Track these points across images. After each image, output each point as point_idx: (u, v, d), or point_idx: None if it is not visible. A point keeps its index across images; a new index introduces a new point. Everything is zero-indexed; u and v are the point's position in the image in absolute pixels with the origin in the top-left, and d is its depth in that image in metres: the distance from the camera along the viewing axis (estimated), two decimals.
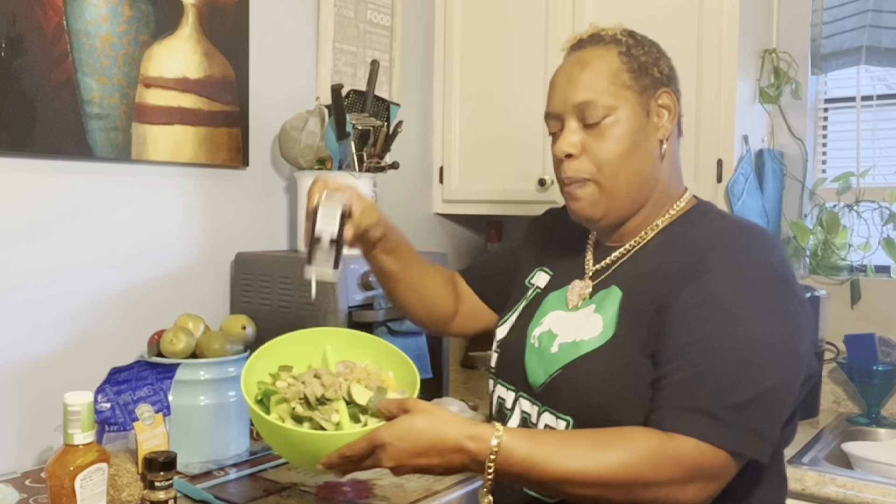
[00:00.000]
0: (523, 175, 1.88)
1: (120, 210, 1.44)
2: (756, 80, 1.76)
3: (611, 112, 0.95)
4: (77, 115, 1.34)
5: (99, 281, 1.41)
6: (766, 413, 0.84)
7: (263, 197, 1.71)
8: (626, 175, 0.96)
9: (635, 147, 0.96)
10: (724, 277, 0.88)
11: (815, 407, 1.71)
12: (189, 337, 1.33)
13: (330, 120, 1.57)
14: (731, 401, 0.82)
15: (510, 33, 1.92)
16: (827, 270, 1.79)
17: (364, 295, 1.49)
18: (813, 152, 1.89)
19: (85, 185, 1.39)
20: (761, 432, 0.84)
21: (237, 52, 1.60)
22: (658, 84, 0.98)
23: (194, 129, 1.53)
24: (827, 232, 1.77)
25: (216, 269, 1.61)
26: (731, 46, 1.61)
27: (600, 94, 0.95)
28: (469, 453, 0.84)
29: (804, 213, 1.86)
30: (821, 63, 1.80)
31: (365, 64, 1.87)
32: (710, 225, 0.97)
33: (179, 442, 1.23)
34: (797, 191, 1.86)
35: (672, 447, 0.82)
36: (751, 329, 0.85)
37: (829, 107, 1.90)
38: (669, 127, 0.99)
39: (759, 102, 1.77)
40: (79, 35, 1.34)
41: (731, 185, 1.62)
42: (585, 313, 0.99)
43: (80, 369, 1.35)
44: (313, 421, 0.94)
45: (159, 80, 1.46)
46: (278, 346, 1.07)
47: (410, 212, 2.06)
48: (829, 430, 1.65)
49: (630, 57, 0.97)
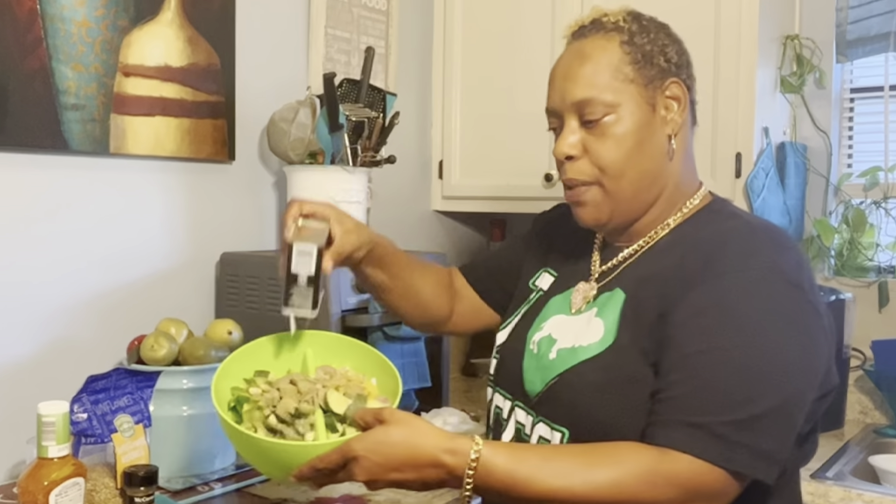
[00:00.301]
0: (528, 170, 1.87)
1: (97, 207, 1.43)
2: (777, 68, 1.75)
3: (612, 109, 0.93)
4: (52, 106, 1.33)
5: (75, 283, 1.40)
6: (771, 431, 0.82)
7: (251, 193, 1.70)
8: (631, 176, 0.95)
9: (641, 145, 0.94)
10: (729, 283, 0.86)
11: (839, 418, 1.70)
12: (171, 343, 1.32)
13: (322, 111, 1.57)
14: (732, 417, 0.81)
15: (515, 17, 1.92)
16: (853, 272, 1.78)
17: (358, 298, 1.49)
18: (838, 145, 1.88)
19: (60, 180, 1.38)
20: (765, 452, 0.82)
21: (223, 38, 1.59)
22: (665, 74, 0.95)
23: (177, 120, 1.52)
24: (853, 230, 1.77)
25: (200, 271, 1.61)
26: (751, 32, 1.61)
27: (600, 90, 0.93)
28: (446, 468, 0.83)
29: (829, 210, 1.86)
30: (846, 50, 1.80)
31: (359, 51, 1.86)
32: (720, 225, 0.95)
33: (161, 455, 1.22)
34: (821, 187, 1.85)
35: (666, 465, 0.81)
36: (756, 340, 0.83)
37: (855, 97, 1.90)
38: (679, 120, 0.96)
39: (780, 92, 1.77)
40: (53, 20, 1.32)
41: (751, 181, 1.61)
42: (587, 317, 0.98)
43: (54, 377, 1.35)
44: (287, 430, 0.93)
45: (139, 68, 1.45)
46: (256, 349, 1.06)
47: (407, 209, 2.06)
48: (855, 442, 1.64)
49: (633, 46, 0.95)
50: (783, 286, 0.86)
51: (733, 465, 0.80)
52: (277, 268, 0.98)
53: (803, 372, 0.85)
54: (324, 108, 1.56)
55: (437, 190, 2.10)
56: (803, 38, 1.80)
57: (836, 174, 1.87)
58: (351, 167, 1.57)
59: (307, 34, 1.78)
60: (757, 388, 0.82)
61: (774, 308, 0.85)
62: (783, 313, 0.85)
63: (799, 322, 0.85)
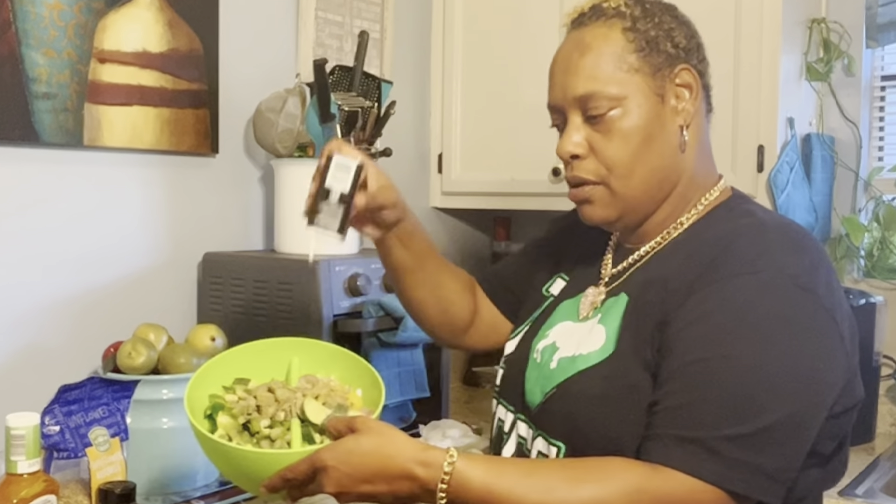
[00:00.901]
0: (534, 163, 1.86)
1: (71, 203, 1.44)
2: (803, 54, 1.75)
3: (618, 103, 0.93)
4: (21, 95, 1.33)
5: (47, 284, 1.41)
6: (774, 448, 0.80)
7: (235, 188, 1.71)
8: (641, 174, 0.95)
9: (650, 140, 0.94)
10: (734, 286, 0.86)
11: (870, 431, 1.70)
12: (150, 350, 1.32)
13: (312, 100, 1.57)
14: (731, 431, 0.80)
15: (520, 3, 1.92)
16: (884, 273, 1.78)
17: (351, 302, 1.50)
18: (868, 137, 1.88)
19: (31, 174, 1.39)
20: (768, 470, 0.80)
21: (205, 21, 1.59)
22: (674, 61, 0.94)
23: (156, 110, 1.52)
24: (884, 229, 1.77)
25: (181, 272, 1.61)
26: (775, 16, 1.61)
27: (603, 83, 0.93)
28: (419, 481, 0.83)
29: (858, 207, 1.86)
30: (877, 35, 1.80)
31: (353, 35, 1.87)
32: (731, 223, 0.94)
33: (139, 470, 1.23)
34: (850, 182, 1.85)
35: (655, 483, 0.80)
36: (760, 348, 0.82)
37: (886, 84, 1.89)
38: (691, 109, 0.96)
39: (806, 80, 1.77)
40: (23, 2, 1.33)
41: (774, 176, 1.61)
42: (591, 324, 0.98)
43: (24, 387, 1.35)
44: (263, 441, 0.94)
45: (116, 54, 1.46)
46: (238, 355, 1.07)
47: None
48: (886, 456, 1.64)
49: (637, 33, 0.94)
50: (793, 290, 0.84)
51: (731, 485, 0.79)
52: (311, 178, 0.97)
53: (814, 383, 0.83)
54: (314, 97, 1.56)
55: (437, 185, 2.11)
56: (830, 21, 1.80)
57: (866, 168, 1.87)
58: None
59: (296, 17, 1.79)
60: (760, 401, 0.81)
61: (782, 314, 0.84)
62: (792, 319, 0.84)
63: (810, 329, 0.84)
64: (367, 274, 1.52)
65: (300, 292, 1.46)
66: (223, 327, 1.44)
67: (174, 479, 1.31)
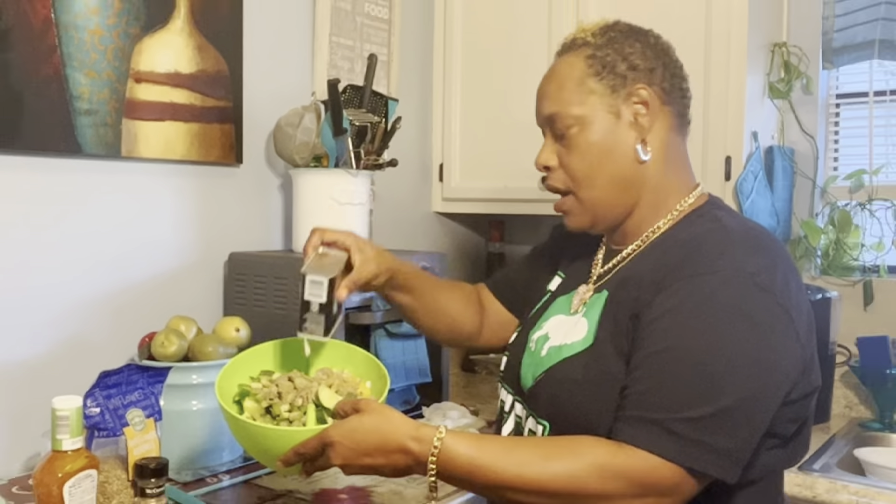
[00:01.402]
0: (525, 172, 1.82)
1: (109, 209, 1.44)
2: (766, 74, 1.76)
3: (577, 122, 0.96)
4: (65, 111, 1.34)
5: (88, 283, 1.41)
6: (728, 430, 0.82)
7: (258, 195, 1.71)
8: (601, 184, 0.97)
9: (607, 153, 0.96)
10: (695, 285, 0.86)
11: (826, 412, 1.71)
12: (181, 339, 1.33)
13: (326, 116, 1.57)
14: (689, 414, 0.81)
15: (513, 26, 1.91)
16: (839, 271, 1.78)
17: (361, 297, 1.49)
18: (824, 149, 1.89)
19: (73, 182, 1.38)
20: (722, 450, 0.81)
21: (230, 46, 1.59)
22: (630, 81, 0.96)
23: (186, 125, 1.52)
24: (839, 231, 1.77)
25: (209, 270, 1.61)
26: (740, 40, 1.61)
27: (564, 104, 0.97)
28: (413, 454, 0.86)
29: (815, 211, 1.86)
30: (832, 57, 1.80)
31: (362, 58, 1.86)
32: (700, 228, 0.94)
33: (171, 448, 1.23)
34: (808, 189, 1.86)
35: (620, 459, 0.82)
36: (716, 339, 0.83)
37: (840, 102, 1.90)
38: (647, 124, 0.96)
39: (768, 98, 1.77)
40: (67, 28, 1.33)
41: (740, 183, 1.61)
42: (577, 318, 0.99)
43: (68, 373, 1.35)
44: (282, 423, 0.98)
45: (150, 74, 1.46)
46: (264, 351, 1.11)
47: (409, 210, 2.06)
48: (840, 435, 1.65)
49: (595, 59, 0.97)
50: (751, 287, 0.85)
51: (688, 462, 0.80)
52: None
53: (766, 372, 0.84)
54: (328, 114, 1.56)
55: (438, 192, 2.11)
56: (791, 45, 1.81)
57: (822, 177, 1.87)
58: (354, 170, 1.57)
59: (312, 42, 1.79)
60: (716, 387, 0.81)
61: (739, 308, 0.84)
62: (748, 314, 0.84)
63: (764, 323, 0.84)
64: None
65: None
66: (247, 319, 1.44)
67: (202, 455, 1.33)
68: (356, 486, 1.27)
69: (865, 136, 1.85)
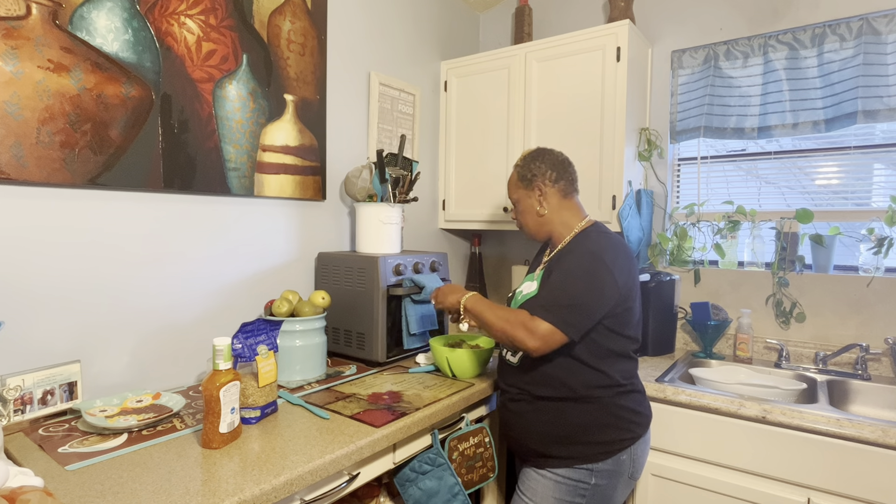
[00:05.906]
0: (494, 205, 1.87)
1: (248, 226, 1.43)
2: (636, 146, 1.75)
3: (518, 201, 1.22)
4: (221, 169, 1.34)
5: (235, 270, 1.40)
6: (576, 314, 1.04)
7: (335, 218, 1.69)
8: (529, 224, 1.21)
9: (528, 211, 1.20)
10: (571, 258, 1.09)
11: (671, 347, 1.69)
12: (289, 304, 1.32)
13: (375, 171, 1.57)
14: (557, 304, 1.05)
15: (485, 118, 1.90)
16: (679, 263, 1.77)
17: (396, 278, 1.48)
18: (671, 191, 1.87)
19: (226, 211, 1.38)
20: (570, 321, 1.04)
21: (319, 129, 1.58)
22: (532, 181, 1.19)
23: (292, 177, 1.52)
24: (679, 240, 1.76)
25: (306, 262, 1.60)
26: (621, 126, 1.61)
27: (511, 191, 1.23)
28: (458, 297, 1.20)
29: (666, 228, 1.85)
30: (675, 136, 1.79)
31: (396, 136, 1.85)
32: (582, 237, 1.14)
33: (283, 369, 1.24)
34: (661, 215, 1.84)
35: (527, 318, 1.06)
36: (573, 278, 1.06)
37: (681, 163, 1.88)
38: (542, 198, 1.18)
39: (638, 161, 1.76)
40: (221, 119, 1.33)
41: (621, 211, 1.61)
42: (533, 281, 1.18)
43: (222, 324, 1.35)
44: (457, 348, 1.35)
45: (271, 146, 1.46)
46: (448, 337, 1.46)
47: (424, 228, 2.04)
48: (681, 361, 1.63)
49: (519, 172, 1.20)
50: (591, 257, 1.08)
51: (556, 325, 1.04)
52: None
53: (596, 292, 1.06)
54: (377, 170, 1.56)
55: (441, 217, 2.08)
56: (651, 129, 1.80)
57: (670, 207, 1.86)
58: (392, 204, 1.56)
59: (367, 127, 1.77)
60: (571, 295, 1.05)
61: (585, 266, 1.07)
62: (589, 269, 1.06)
63: (596, 272, 1.06)
64: (404, 263, 1.50)
65: (370, 273, 1.45)
66: (329, 292, 1.45)
67: (300, 372, 1.31)
68: (393, 389, 1.25)
69: (695, 183, 1.83)
